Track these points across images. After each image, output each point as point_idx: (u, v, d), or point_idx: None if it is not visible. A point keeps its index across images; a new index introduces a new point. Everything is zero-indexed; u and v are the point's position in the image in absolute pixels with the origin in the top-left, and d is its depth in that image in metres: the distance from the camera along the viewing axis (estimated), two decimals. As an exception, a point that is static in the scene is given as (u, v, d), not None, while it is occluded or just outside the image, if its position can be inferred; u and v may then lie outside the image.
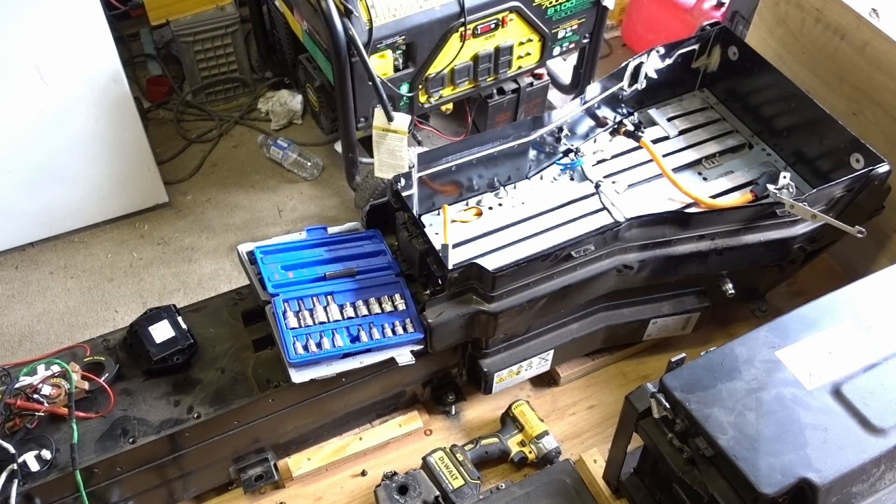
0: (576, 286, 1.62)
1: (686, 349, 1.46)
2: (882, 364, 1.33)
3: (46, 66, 2.00)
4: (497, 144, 1.79)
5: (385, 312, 1.61)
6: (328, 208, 2.46)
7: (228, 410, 1.54)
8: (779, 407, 1.28)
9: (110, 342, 1.63)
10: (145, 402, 1.55)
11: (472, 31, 2.03)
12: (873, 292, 1.44)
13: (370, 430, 1.80)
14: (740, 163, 1.95)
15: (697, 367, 1.34)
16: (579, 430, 1.86)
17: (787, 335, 1.37)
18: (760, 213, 1.67)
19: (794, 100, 1.86)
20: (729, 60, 2.00)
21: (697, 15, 2.57)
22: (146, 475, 1.55)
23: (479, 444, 1.74)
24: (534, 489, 1.64)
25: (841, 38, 1.93)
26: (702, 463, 1.29)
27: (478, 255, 1.74)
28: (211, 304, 1.71)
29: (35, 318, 2.21)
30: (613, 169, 1.92)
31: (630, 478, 1.59)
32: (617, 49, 2.98)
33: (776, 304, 2.02)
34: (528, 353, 1.78)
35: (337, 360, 1.55)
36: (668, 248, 1.66)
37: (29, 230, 2.34)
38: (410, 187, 1.73)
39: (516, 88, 2.33)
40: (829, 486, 1.20)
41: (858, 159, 1.74)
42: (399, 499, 1.62)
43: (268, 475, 1.68)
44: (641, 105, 2.04)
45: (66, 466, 1.43)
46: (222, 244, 2.38)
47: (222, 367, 1.60)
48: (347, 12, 1.86)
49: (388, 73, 2.03)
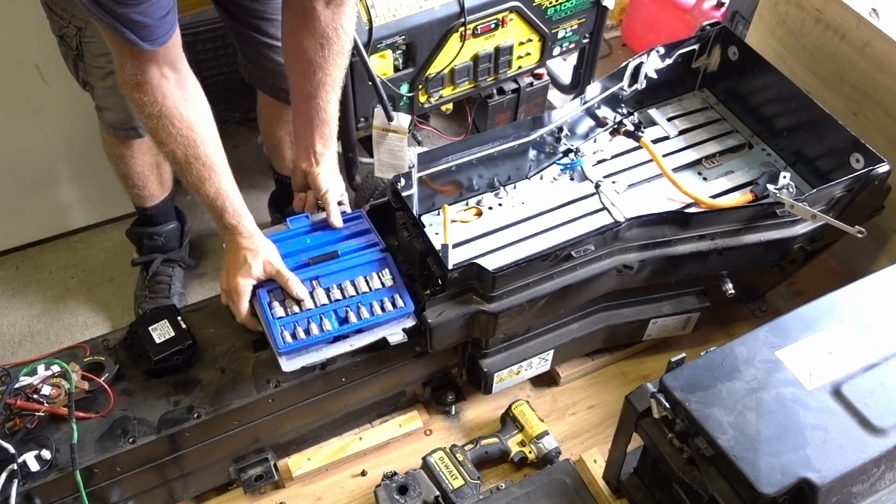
0: (576, 286, 1.62)
1: (686, 349, 1.46)
2: (882, 364, 1.33)
3: (47, 66, 2.00)
4: (497, 144, 1.79)
5: (373, 290, 1.58)
6: (328, 208, 2.45)
7: (228, 410, 1.54)
8: (779, 407, 1.28)
9: (110, 342, 1.62)
10: (145, 402, 1.54)
11: (472, 31, 2.03)
12: (873, 292, 1.44)
13: (370, 430, 1.80)
14: (740, 163, 1.95)
15: (697, 367, 1.35)
16: (579, 430, 1.86)
17: (787, 335, 1.38)
18: (760, 213, 1.67)
19: (794, 100, 1.86)
20: (729, 60, 2.00)
21: (697, 15, 2.57)
22: (146, 475, 1.55)
23: (479, 444, 1.74)
24: (534, 489, 1.64)
25: (841, 38, 1.93)
26: (702, 463, 1.29)
27: (478, 255, 1.74)
28: (211, 304, 1.71)
29: (35, 318, 2.21)
30: (613, 169, 1.92)
31: (630, 478, 1.59)
32: (617, 49, 2.98)
33: (776, 304, 2.02)
34: (528, 353, 1.78)
35: (327, 345, 1.54)
36: (668, 248, 1.66)
37: (29, 230, 2.34)
38: (410, 187, 1.73)
39: (516, 88, 2.33)
40: (829, 486, 1.20)
41: (858, 159, 1.74)
42: (399, 499, 1.62)
43: (268, 475, 1.68)
44: (641, 105, 2.04)
45: (66, 466, 1.43)
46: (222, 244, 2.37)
47: (222, 367, 1.60)
48: (347, 12, 1.86)
49: (388, 73, 2.03)
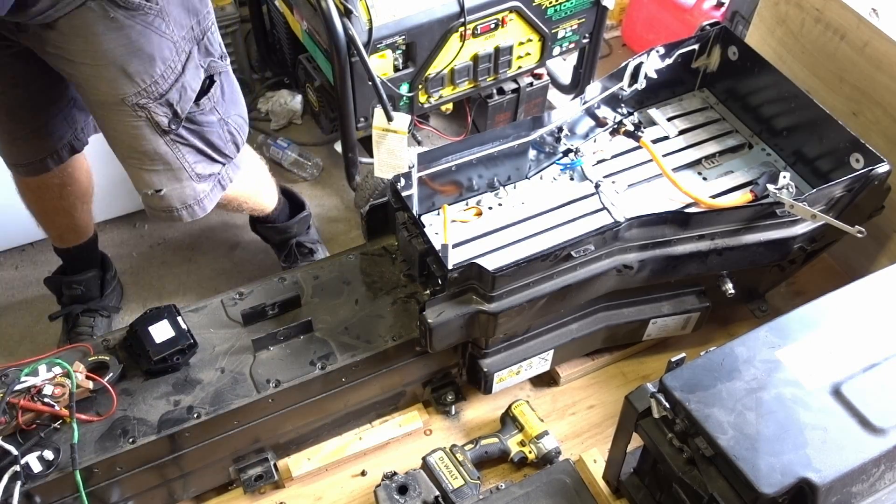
0: (576, 286, 1.62)
1: (686, 349, 1.46)
2: (882, 364, 1.33)
3: (46, 66, 2.00)
4: (497, 144, 1.79)
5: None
6: (328, 208, 2.45)
7: (228, 410, 1.54)
8: (779, 407, 1.28)
9: (110, 342, 1.63)
10: (145, 402, 1.55)
11: (471, 31, 2.03)
12: (873, 292, 1.44)
13: (370, 430, 1.80)
14: (740, 163, 1.95)
15: (697, 367, 1.35)
16: (579, 430, 1.86)
17: (787, 335, 1.38)
18: (760, 213, 1.67)
19: (794, 100, 1.86)
20: (729, 60, 2.00)
21: (697, 15, 2.57)
22: (146, 475, 1.55)
23: (479, 444, 1.74)
24: (534, 489, 1.64)
25: (841, 38, 1.93)
26: (702, 463, 1.29)
27: (478, 255, 1.74)
28: (211, 304, 1.71)
29: (35, 318, 2.21)
30: (613, 169, 1.92)
31: (630, 478, 1.59)
32: (617, 49, 2.98)
33: (776, 304, 2.02)
34: (528, 353, 1.78)
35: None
36: (668, 248, 1.66)
37: (29, 230, 2.33)
38: (410, 187, 1.73)
39: (516, 88, 2.33)
40: (829, 486, 1.20)
41: (858, 159, 1.74)
42: (399, 499, 1.62)
43: (268, 475, 1.68)
44: (641, 105, 2.04)
45: (67, 467, 1.43)
46: (222, 244, 2.38)
47: (222, 367, 1.60)
48: (347, 12, 1.86)
49: (388, 73, 2.03)
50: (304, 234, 2.20)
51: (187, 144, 1.58)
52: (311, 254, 2.19)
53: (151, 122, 1.50)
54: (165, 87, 1.47)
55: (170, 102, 1.49)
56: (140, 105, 1.47)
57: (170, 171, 1.59)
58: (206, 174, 1.65)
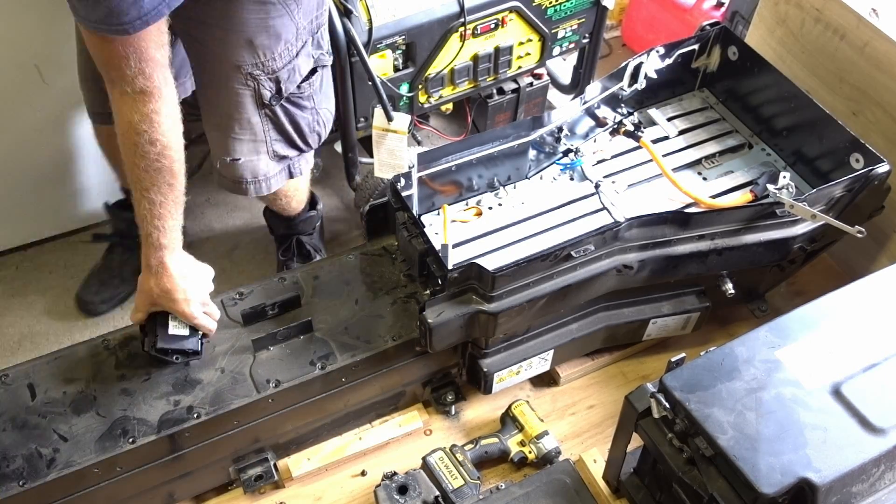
0: (576, 286, 1.62)
1: (686, 349, 1.46)
2: (882, 364, 1.33)
3: (47, 66, 2.00)
4: (497, 144, 1.79)
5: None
6: (328, 208, 2.45)
7: (228, 410, 1.54)
8: (779, 407, 1.28)
9: (110, 342, 1.63)
10: (145, 402, 1.54)
11: (471, 31, 2.03)
12: (873, 292, 1.44)
13: (370, 430, 1.80)
14: (740, 163, 1.95)
15: (697, 367, 1.35)
16: (579, 430, 1.86)
17: (787, 335, 1.38)
18: (760, 213, 1.67)
19: (794, 100, 1.86)
20: (729, 60, 2.00)
21: (697, 15, 2.57)
22: (146, 475, 1.55)
23: (479, 444, 1.74)
24: (534, 489, 1.64)
25: (841, 38, 1.93)
26: (702, 463, 1.29)
27: (478, 255, 1.74)
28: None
29: (35, 318, 2.21)
30: (613, 169, 1.92)
31: (630, 478, 1.59)
32: (617, 49, 2.98)
33: (776, 304, 2.02)
34: (528, 353, 1.78)
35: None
36: (668, 248, 1.66)
37: (29, 230, 2.34)
38: (410, 187, 1.73)
39: (516, 88, 2.33)
40: (828, 486, 1.20)
41: (858, 159, 1.74)
42: (399, 499, 1.62)
43: (268, 475, 1.68)
44: (641, 105, 2.04)
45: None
46: (222, 244, 2.38)
47: (222, 367, 1.60)
48: (347, 12, 1.86)
49: (388, 73, 2.03)
50: (308, 235, 2.21)
51: (277, 122, 1.69)
52: (308, 257, 2.20)
53: (255, 94, 1.61)
54: (280, 64, 1.59)
55: (279, 80, 1.61)
56: (253, 76, 1.58)
57: (253, 143, 1.70)
58: (282, 155, 1.77)
